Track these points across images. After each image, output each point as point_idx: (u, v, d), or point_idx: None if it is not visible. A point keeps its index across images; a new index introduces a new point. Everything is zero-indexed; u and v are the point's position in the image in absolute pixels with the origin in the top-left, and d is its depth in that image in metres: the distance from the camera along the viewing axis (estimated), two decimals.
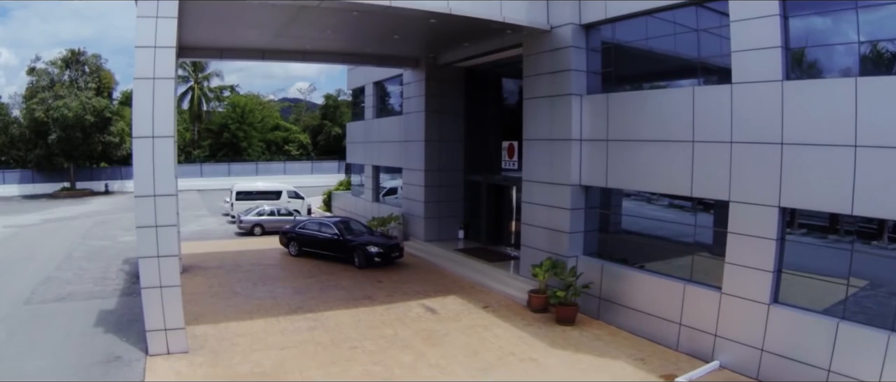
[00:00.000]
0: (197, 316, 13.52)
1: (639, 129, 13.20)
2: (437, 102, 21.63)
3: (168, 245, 11.09)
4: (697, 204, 12.36)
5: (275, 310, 14.08)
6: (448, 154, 21.87)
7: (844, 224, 9.91)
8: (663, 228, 13.43)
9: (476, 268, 17.71)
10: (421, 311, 14.24)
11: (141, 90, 11.02)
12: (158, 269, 11.10)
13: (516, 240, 19.71)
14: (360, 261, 18.55)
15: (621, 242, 14.28)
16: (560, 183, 14.76)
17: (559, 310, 13.66)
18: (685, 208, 12.77)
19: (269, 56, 20.11)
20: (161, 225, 11.04)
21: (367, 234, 19.99)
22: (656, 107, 12.91)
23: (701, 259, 12.30)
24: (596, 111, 14.25)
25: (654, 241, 13.61)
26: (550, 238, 15.09)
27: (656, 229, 13.61)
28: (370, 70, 27.04)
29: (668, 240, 13.28)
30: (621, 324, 13.37)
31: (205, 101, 63.41)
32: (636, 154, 13.21)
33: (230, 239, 25.09)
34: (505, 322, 13.50)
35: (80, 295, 15.85)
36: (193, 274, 17.67)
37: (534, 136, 15.75)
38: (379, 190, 27.42)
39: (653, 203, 13.71)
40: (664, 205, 13.47)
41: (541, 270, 14.34)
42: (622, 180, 13.72)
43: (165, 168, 11.03)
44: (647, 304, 12.81)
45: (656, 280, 12.78)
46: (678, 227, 12.93)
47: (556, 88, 14.94)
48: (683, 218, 12.80)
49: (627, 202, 14.28)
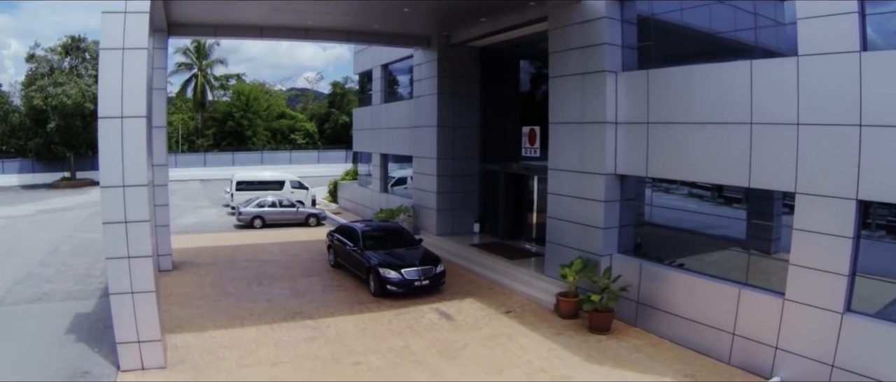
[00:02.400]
0: (181, 322, 11.95)
1: (685, 110, 11.45)
2: (450, 85, 19.88)
3: (140, 244, 9.47)
4: (725, 196, 10.64)
5: (269, 316, 12.47)
6: (462, 141, 20.13)
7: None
8: (702, 222, 11.89)
9: (494, 266, 16.03)
10: (435, 317, 12.58)
11: (108, 62, 9.36)
12: (129, 272, 9.48)
13: (537, 235, 18.07)
14: (373, 287, 14.26)
15: (658, 238, 12.62)
16: (593, 171, 13.03)
17: (593, 317, 11.98)
18: (730, 200, 11.11)
19: (267, 33, 18.41)
20: (132, 220, 9.42)
21: (405, 249, 15.23)
22: (706, 84, 11.13)
23: (757, 258, 10.63)
24: (634, 90, 12.49)
25: (696, 237, 12.02)
26: (581, 233, 13.38)
27: (693, 224, 12.03)
28: (378, 51, 25.34)
29: (712, 236, 11.70)
30: (663, 333, 11.72)
31: (209, 89, 61.95)
32: (682, 138, 11.47)
33: (228, 233, 23.54)
34: (531, 331, 11.83)
35: (58, 294, 14.36)
36: (183, 272, 16.12)
37: (561, 119, 14.00)
38: (387, 180, 25.76)
39: (671, 192, 12.27)
40: (683, 194, 11.84)
41: (570, 271, 12.65)
42: (665, 168, 11.97)
43: (136, 154, 9.39)
44: (693, 310, 11.16)
45: (705, 283, 11.09)
46: (725, 221, 11.26)
47: (588, 64, 13.18)
48: (731, 212, 11.13)
49: (651, 192, 12.76)
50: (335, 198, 32.54)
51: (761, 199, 10.70)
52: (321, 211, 26.31)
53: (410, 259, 14.53)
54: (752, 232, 10.97)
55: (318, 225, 25.15)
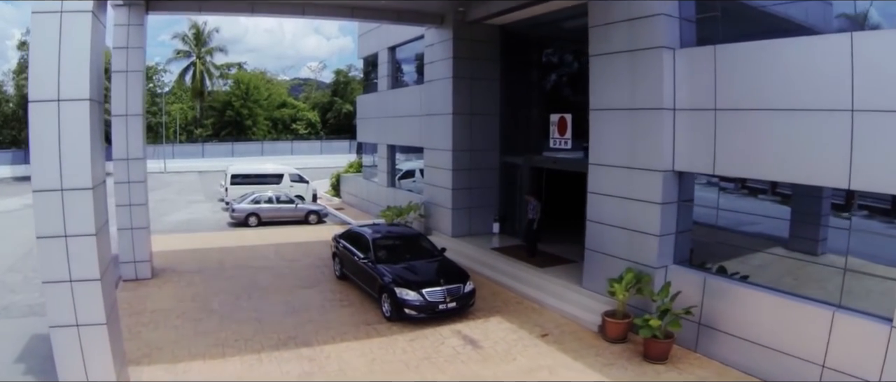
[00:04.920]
0: (151, 349, 9.88)
1: (764, 95, 9.26)
2: (466, 67, 17.64)
3: (85, 264, 7.37)
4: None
5: (258, 341, 10.34)
6: (480, 130, 17.91)
7: None
8: (769, 225, 9.98)
9: (521, 275, 13.88)
10: (457, 343, 10.43)
11: (41, 29, 7.22)
12: (72, 301, 7.40)
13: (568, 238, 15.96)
14: (387, 309, 11.70)
15: (720, 248, 10.54)
16: (646, 168, 10.85)
17: (650, 345, 9.86)
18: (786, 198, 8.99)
19: (259, 9, 16.24)
20: (74, 234, 7.32)
21: (426, 262, 12.65)
22: (791, 62, 8.93)
23: (852, 274, 8.50)
24: (697, 70, 10.28)
25: (755, 242, 10.15)
26: (629, 241, 11.23)
27: (749, 226, 10.20)
28: (385, 33, 23.09)
29: (770, 239, 9.87)
30: (731, 361, 9.71)
31: (207, 77, 59.79)
32: (760, 129, 9.30)
33: (220, 232, 21.42)
34: (576, 362, 9.70)
35: (18, 309, 12.39)
36: (164, 281, 14.03)
37: (606, 105, 11.79)
38: (394, 173, 23.58)
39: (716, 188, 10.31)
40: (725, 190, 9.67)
41: (620, 286, 10.51)
42: (737, 165, 9.78)
43: (78, 148, 7.26)
44: (770, 335, 9.14)
45: (787, 303, 9.00)
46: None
47: (639, 39, 10.96)
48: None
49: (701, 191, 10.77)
50: (338, 193, 30.43)
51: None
52: (322, 208, 24.18)
53: (433, 274, 11.92)
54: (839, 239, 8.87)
55: (320, 222, 23.05)
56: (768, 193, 10.13)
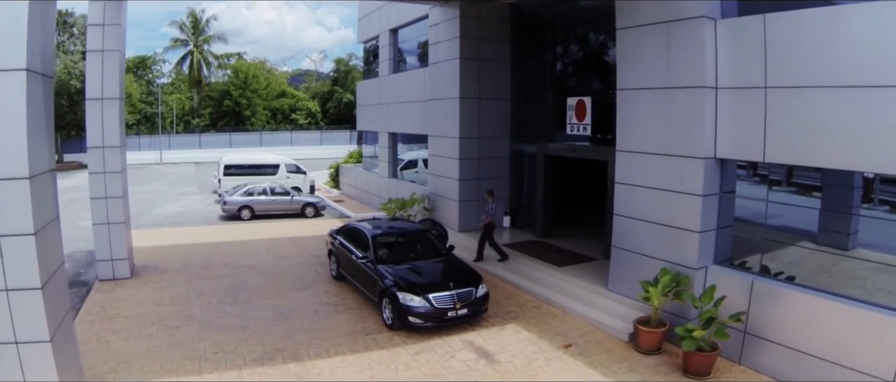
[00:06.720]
0: (118, 363, 8.59)
1: (825, 70, 7.92)
2: (474, 48, 16.26)
3: (22, 270, 6.06)
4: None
5: (240, 354, 9.03)
6: (489, 116, 16.54)
7: None
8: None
9: (538, 276, 12.56)
10: (469, 357, 9.11)
11: None
12: (9, 314, 6.10)
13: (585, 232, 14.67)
14: (389, 316, 10.31)
15: (745, 242, 9.38)
16: (685, 154, 9.50)
17: (691, 358, 8.57)
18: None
19: None
20: (7, 234, 6.01)
21: (432, 262, 11.29)
22: (863, 30, 7.57)
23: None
24: (744, 42, 8.92)
25: (786, 237, 8.96)
26: (664, 238, 9.91)
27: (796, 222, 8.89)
28: (386, 13, 21.71)
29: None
30: (781, 374, 8.51)
31: (205, 66, 58.38)
32: (823, 109, 7.96)
33: (210, 226, 20.09)
34: (607, 379, 8.41)
35: None
36: (143, 281, 12.73)
37: (636, 84, 10.42)
38: (396, 163, 22.22)
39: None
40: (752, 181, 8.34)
41: (656, 290, 9.21)
42: (794, 151, 8.41)
43: (12, 127, 5.94)
44: (827, 347, 7.94)
45: (850, 309, 7.74)
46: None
47: (675, 9, 9.59)
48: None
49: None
50: (337, 184, 29.10)
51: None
52: (320, 200, 22.83)
53: (440, 277, 10.54)
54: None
55: (317, 215, 21.72)
56: (783, 184, 9.06)
